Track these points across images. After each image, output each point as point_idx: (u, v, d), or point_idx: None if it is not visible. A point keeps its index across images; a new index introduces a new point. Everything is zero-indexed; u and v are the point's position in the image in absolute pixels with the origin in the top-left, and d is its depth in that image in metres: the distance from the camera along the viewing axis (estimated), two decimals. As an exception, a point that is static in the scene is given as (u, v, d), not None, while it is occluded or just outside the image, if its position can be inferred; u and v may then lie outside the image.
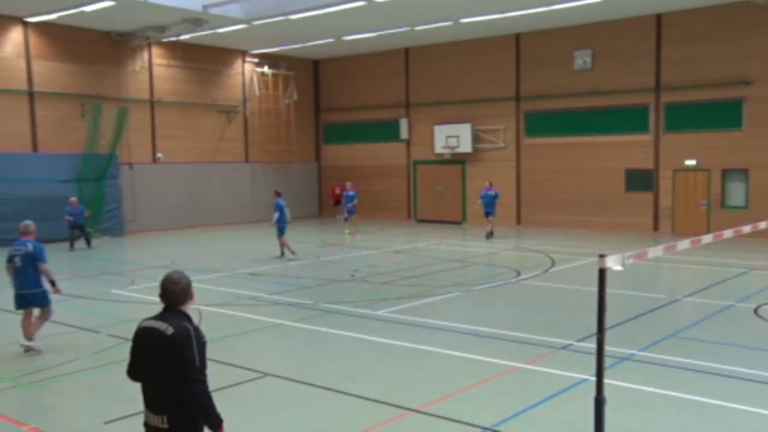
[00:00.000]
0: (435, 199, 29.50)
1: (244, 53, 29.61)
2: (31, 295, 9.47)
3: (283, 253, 18.20)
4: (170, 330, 4.08)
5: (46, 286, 9.58)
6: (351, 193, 25.54)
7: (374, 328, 10.50)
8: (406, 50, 29.67)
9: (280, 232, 18.02)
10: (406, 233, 24.98)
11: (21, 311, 9.56)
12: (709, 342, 9.53)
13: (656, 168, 23.83)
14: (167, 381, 4.06)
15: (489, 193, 22.79)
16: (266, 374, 8.27)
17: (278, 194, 18.80)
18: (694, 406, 6.99)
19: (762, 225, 7.32)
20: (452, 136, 28.01)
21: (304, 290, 13.73)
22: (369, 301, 12.45)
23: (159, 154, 26.04)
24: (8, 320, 10.71)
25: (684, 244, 5.83)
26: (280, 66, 30.73)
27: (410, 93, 29.83)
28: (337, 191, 31.43)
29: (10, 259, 9.39)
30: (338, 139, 32.49)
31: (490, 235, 22.39)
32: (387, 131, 30.40)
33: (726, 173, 22.63)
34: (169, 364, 4.05)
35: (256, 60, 30.00)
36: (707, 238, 6.31)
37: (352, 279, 15.01)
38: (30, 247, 9.38)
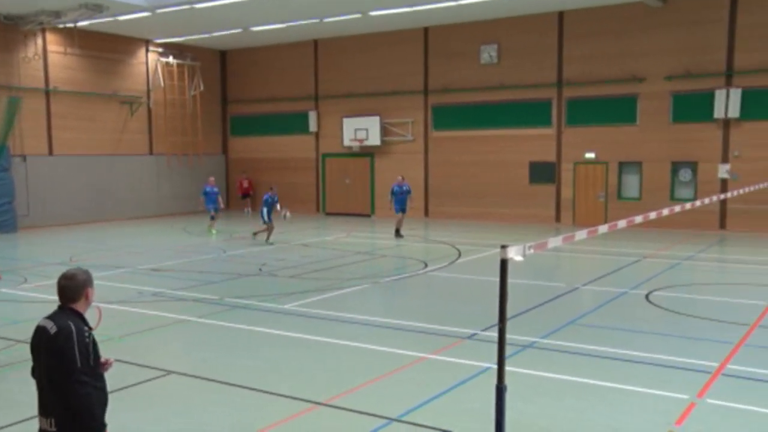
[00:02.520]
0: (343, 192, 29.48)
1: (147, 42, 28.57)
2: None
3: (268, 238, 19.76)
4: (54, 329, 3.90)
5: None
6: (214, 189, 23.32)
7: (282, 322, 10.39)
8: (315, 42, 29.45)
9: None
10: (315, 226, 24.86)
11: None
12: (605, 328, 9.96)
13: (558, 161, 24.69)
14: (51, 382, 3.88)
15: (402, 188, 21.33)
16: (170, 372, 8.03)
17: (270, 188, 20.65)
18: (592, 390, 7.28)
19: (652, 215, 7.69)
20: (361, 129, 28.05)
21: (210, 285, 13.42)
22: (276, 295, 12.30)
23: None
24: None
25: (581, 234, 6.04)
26: (185, 56, 29.86)
27: (319, 85, 29.64)
28: (245, 184, 30.92)
29: None
30: (246, 131, 31.91)
31: (397, 233, 20.83)
32: (295, 124, 30.12)
33: (622, 166, 23.70)
34: (51, 364, 3.87)
35: (160, 49, 29.01)
36: (603, 229, 6.56)
37: (260, 273, 14.79)
38: None
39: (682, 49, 22.28)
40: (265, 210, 19.83)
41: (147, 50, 28.66)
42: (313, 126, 29.60)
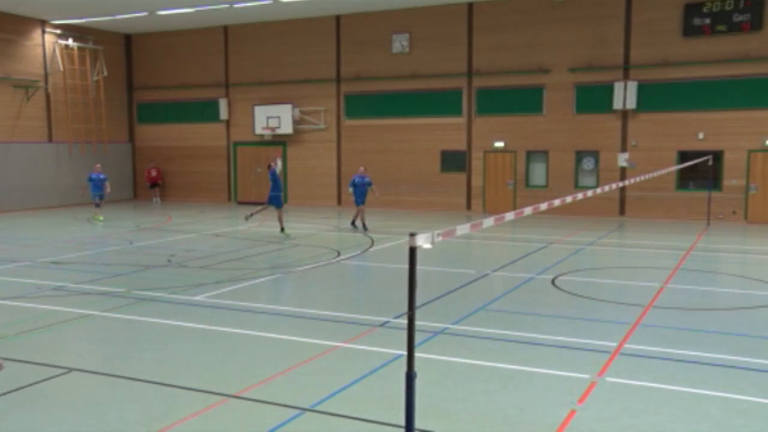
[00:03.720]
0: (256, 181, 29.06)
1: (43, 23, 27.15)
2: None
3: (283, 229, 18.75)
4: None
5: None
6: (99, 176, 22.41)
7: (191, 314, 10.15)
8: (225, 28, 28.81)
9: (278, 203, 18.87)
10: (226, 216, 24.41)
11: None
12: (514, 312, 10.26)
13: (468, 149, 25.19)
14: None
15: (363, 179, 20.09)
16: (71, 369, 7.69)
17: (269, 166, 19.38)
18: (501, 373, 7.49)
19: (557, 203, 7.95)
20: (273, 117, 27.71)
21: (116, 278, 12.95)
22: (186, 286, 12.01)
23: None
24: None
25: (489, 222, 6.18)
26: (86, 39, 28.58)
27: (229, 73, 29.04)
28: (153, 173, 29.99)
29: None
30: (153, 118, 30.90)
31: (354, 225, 20.16)
32: (205, 111, 29.43)
33: (529, 155, 24.43)
34: None
35: (58, 31, 27.63)
36: (509, 216, 6.73)
37: (169, 264, 14.40)
38: None
39: (583, 43, 23.13)
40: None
41: (43, 31, 27.24)
42: (223, 114, 28.99)
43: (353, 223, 20.35)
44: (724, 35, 21.35)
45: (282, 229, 18.68)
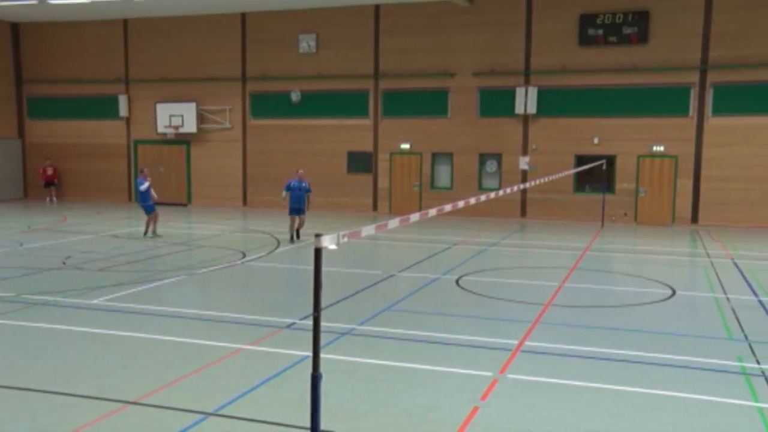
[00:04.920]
0: (158, 180, 28.11)
1: None
2: None
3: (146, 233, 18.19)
4: None
5: None
6: None
7: (88, 318, 9.71)
8: (125, 21, 27.76)
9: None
10: (126, 216, 23.53)
11: None
12: (419, 312, 10.40)
13: (375, 151, 25.34)
14: None
15: (301, 184, 17.86)
16: (-47, 380, 7.20)
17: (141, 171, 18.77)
18: (407, 373, 7.57)
19: (460, 204, 8.12)
20: (176, 115, 26.94)
21: (4, 281, 12.22)
22: (83, 289, 11.48)
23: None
24: None
25: (394, 223, 6.23)
26: (-30, 27, 26.84)
27: (129, 68, 28.02)
28: (49, 172, 28.52)
29: None
30: (46, 114, 29.38)
31: (295, 237, 17.65)
32: (104, 108, 28.26)
33: (435, 157, 24.84)
34: None
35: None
36: (414, 217, 6.81)
37: (64, 267, 13.72)
38: None
39: (487, 48, 23.75)
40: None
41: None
42: (123, 111, 27.93)
43: (292, 238, 17.60)
44: (616, 46, 22.45)
45: (145, 233, 18.27)
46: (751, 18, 21.14)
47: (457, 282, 12.64)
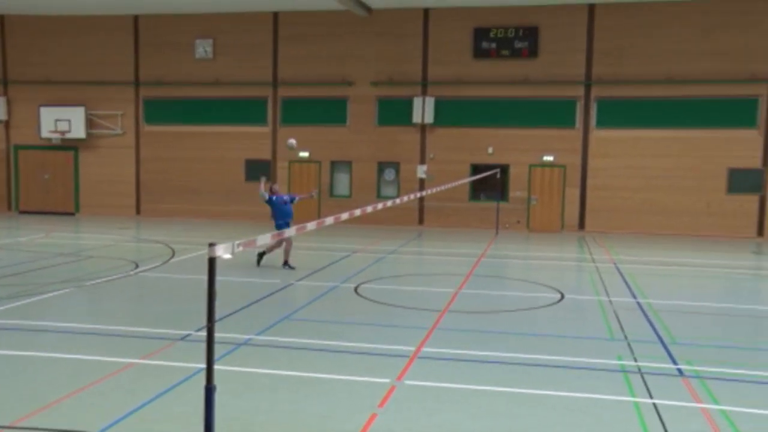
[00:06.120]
0: (42, 188, 26.75)
1: None
2: None
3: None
4: None
5: None
6: None
7: (-38, 336, 9.08)
8: (2, 18, 26.25)
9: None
10: (6, 226, 22.19)
11: None
12: (318, 321, 10.38)
13: (274, 159, 25.11)
14: None
15: (283, 197, 15.20)
16: None
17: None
18: (305, 382, 7.52)
19: (357, 212, 8.18)
20: (62, 120, 25.70)
21: None
22: (-44, 305, 10.73)
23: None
24: None
25: (291, 231, 6.20)
26: None
27: (8, 68, 26.53)
28: None
29: None
30: None
31: (287, 265, 14.95)
32: (-19, 110, 26.57)
33: (334, 165, 24.90)
34: None
35: None
36: (311, 225, 6.81)
37: (-65, 281, 12.78)
38: None
39: (385, 58, 24.08)
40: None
41: None
42: (1, 114, 26.35)
43: (285, 263, 14.98)
44: (508, 59, 23.31)
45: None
46: (629, 38, 22.49)
47: (355, 290, 12.69)
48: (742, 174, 22.17)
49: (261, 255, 15.23)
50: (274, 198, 14.93)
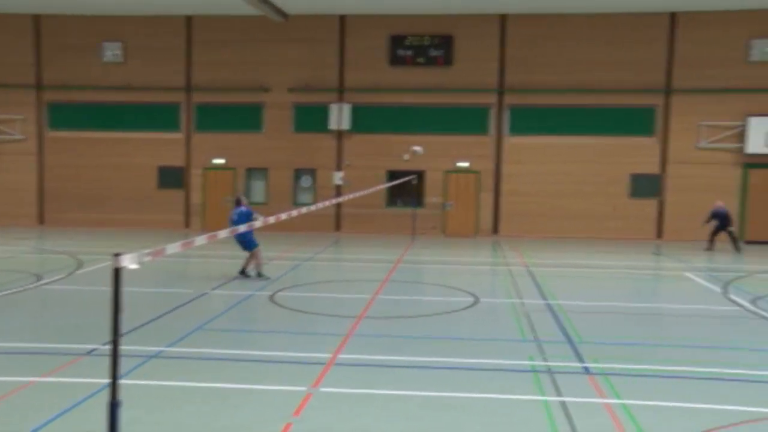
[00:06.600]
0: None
1: None
2: None
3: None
4: None
5: None
6: None
7: None
8: None
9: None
10: None
11: None
12: (232, 330, 10.19)
13: (187, 166, 24.54)
14: None
15: (240, 211, 14.44)
16: None
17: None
18: (218, 393, 7.36)
19: (271, 220, 8.10)
20: (-42, 124, 24.30)
21: None
22: None
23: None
24: None
25: (201, 239, 6.07)
26: None
27: None
28: None
29: None
30: None
31: (244, 274, 14.68)
32: None
33: (250, 172, 24.56)
34: None
35: None
36: (223, 233, 6.69)
37: None
38: None
39: (302, 64, 23.98)
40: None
41: None
42: None
43: (252, 273, 14.74)
44: (424, 67, 23.65)
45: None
46: (540, 48, 23.24)
47: (271, 298, 12.54)
48: (642, 179, 23.27)
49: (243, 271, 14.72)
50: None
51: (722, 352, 9.51)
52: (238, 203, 14.83)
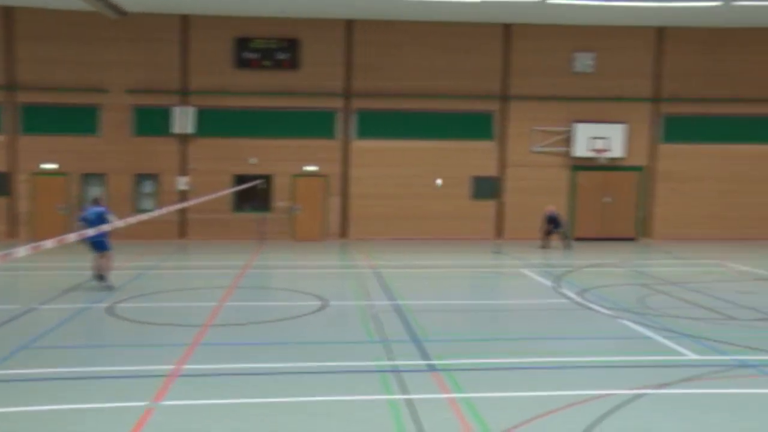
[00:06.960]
0: None
1: None
2: None
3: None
4: None
5: None
6: None
7: None
8: None
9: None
10: None
11: None
12: (65, 347, 9.53)
13: (13, 171, 22.67)
14: None
15: (95, 210, 14.18)
16: None
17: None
18: (45, 418, 6.85)
19: (105, 227, 7.65)
20: None
21: None
22: None
23: None
24: None
25: (23, 250, 5.62)
26: None
27: None
28: None
29: None
30: None
31: (100, 279, 14.17)
32: None
33: (86, 177, 23.10)
34: None
35: None
36: (49, 243, 6.23)
37: None
38: None
39: (142, 65, 22.89)
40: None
41: None
42: None
43: (99, 276, 14.23)
44: (270, 70, 23.38)
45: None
46: (384, 53, 23.76)
47: (110, 310, 11.86)
48: (482, 181, 24.46)
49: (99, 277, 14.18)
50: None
51: (553, 342, 10.20)
52: (95, 203, 14.67)
